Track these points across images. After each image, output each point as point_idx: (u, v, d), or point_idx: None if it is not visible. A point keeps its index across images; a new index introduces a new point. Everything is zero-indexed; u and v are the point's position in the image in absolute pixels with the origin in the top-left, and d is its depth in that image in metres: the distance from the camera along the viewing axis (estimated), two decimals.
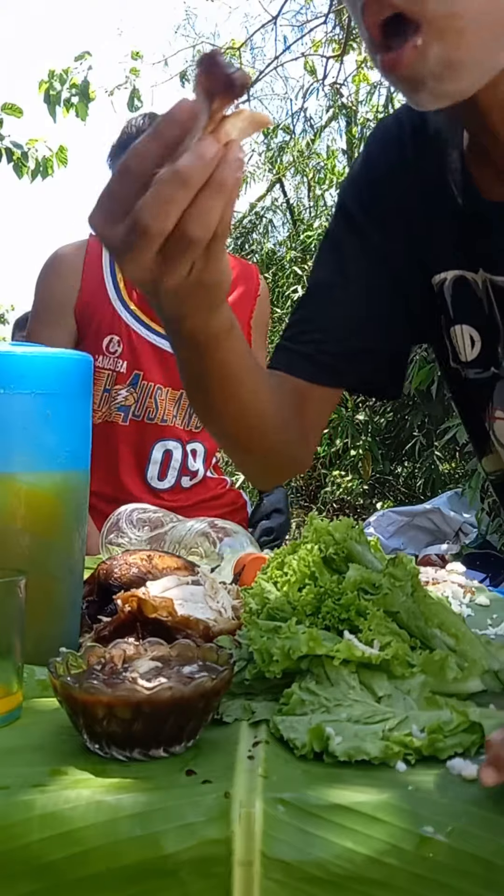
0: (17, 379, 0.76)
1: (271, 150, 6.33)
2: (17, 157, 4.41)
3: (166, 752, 0.57)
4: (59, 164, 4.53)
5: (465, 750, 0.57)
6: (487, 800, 0.52)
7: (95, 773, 0.54)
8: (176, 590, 0.80)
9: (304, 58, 5.83)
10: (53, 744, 0.59)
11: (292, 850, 0.50)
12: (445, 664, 0.64)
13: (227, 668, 0.60)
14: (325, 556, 0.74)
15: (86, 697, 0.56)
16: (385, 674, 0.63)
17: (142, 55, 5.45)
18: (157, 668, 0.63)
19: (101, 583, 0.90)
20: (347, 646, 0.63)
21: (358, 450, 5.37)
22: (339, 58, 5.59)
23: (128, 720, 0.55)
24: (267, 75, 6.01)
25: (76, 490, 0.81)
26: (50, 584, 0.78)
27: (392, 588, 0.70)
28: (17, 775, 0.54)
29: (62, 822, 0.50)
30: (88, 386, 0.84)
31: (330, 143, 6.43)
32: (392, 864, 0.49)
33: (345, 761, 0.55)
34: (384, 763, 0.55)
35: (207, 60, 0.59)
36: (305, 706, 0.61)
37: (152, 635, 0.69)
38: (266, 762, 0.56)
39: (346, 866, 0.49)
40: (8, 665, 0.64)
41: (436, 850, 0.49)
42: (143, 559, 0.90)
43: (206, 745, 0.59)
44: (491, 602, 1.09)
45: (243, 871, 0.50)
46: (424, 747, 0.56)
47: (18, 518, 0.77)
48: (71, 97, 4.84)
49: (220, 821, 0.50)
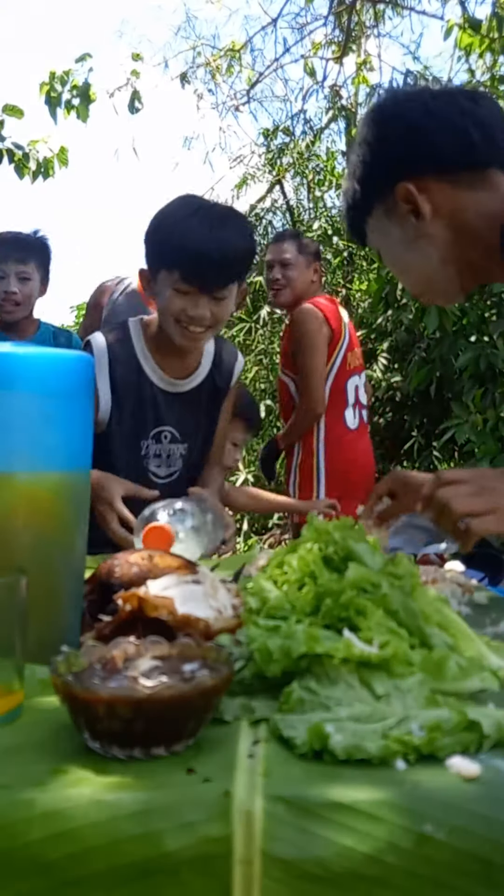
0: (18, 379, 0.76)
1: (271, 152, 6.33)
2: (19, 158, 4.42)
3: (167, 751, 0.57)
4: (59, 165, 4.53)
5: (464, 748, 0.57)
6: (486, 798, 0.52)
7: (96, 772, 0.54)
8: (176, 589, 0.80)
9: (304, 60, 5.84)
10: (54, 742, 0.60)
11: (292, 848, 0.50)
12: (444, 663, 0.65)
13: (227, 666, 0.61)
14: (324, 555, 0.74)
15: (87, 696, 0.56)
16: (384, 672, 0.63)
17: (142, 57, 5.46)
18: (158, 667, 0.63)
19: (101, 582, 0.90)
20: (347, 644, 0.63)
21: None
22: (338, 60, 5.59)
23: (128, 719, 0.55)
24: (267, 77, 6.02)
25: (76, 490, 0.82)
26: (51, 583, 0.78)
27: (391, 587, 0.70)
28: (17, 774, 0.54)
29: (63, 820, 0.51)
30: (89, 386, 0.84)
31: (329, 144, 6.43)
32: (391, 862, 0.49)
33: (344, 760, 0.55)
34: (384, 761, 0.55)
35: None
36: (305, 705, 0.61)
37: (153, 634, 0.69)
38: (266, 761, 0.56)
39: (346, 864, 0.49)
40: (9, 664, 0.64)
41: (435, 848, 0.49)
42: (144, 558, 0.90)
43: (207, 743, 0.59)
44: (489, 601, 1.09)
45: (243, 870, 0.50)
46: (424, 746, 0.56)
47: (19, 517, 0.77)
48: (72, 99, 4.84)
49: (221, 819, 0.50)
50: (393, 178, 1.08)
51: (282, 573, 0.76)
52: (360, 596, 0.68)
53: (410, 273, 1.17)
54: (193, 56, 6.12)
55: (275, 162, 6.31)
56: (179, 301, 1.48)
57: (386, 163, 1.10)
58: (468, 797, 0.52)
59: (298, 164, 6.26)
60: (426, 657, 0.65)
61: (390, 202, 1.10)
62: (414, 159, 1.07)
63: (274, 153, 6.33)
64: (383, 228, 1.14)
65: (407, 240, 1.10)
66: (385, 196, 1.10)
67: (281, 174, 6.31)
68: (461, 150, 1.06)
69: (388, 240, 1.14)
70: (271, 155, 6.36)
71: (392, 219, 1.11)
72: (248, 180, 6.50)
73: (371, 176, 1.12)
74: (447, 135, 1.05)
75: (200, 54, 6.13)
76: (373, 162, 1.11)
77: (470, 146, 1.05)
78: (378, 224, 1.14)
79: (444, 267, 1.10)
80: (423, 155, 1.06)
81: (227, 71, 6.12)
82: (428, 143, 1.06)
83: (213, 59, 6.06)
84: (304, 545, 0.76)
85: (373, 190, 1.12)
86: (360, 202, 1.14)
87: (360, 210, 1.15)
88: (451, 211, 1.07)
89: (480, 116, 1.06)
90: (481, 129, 1.06)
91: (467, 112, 1.06)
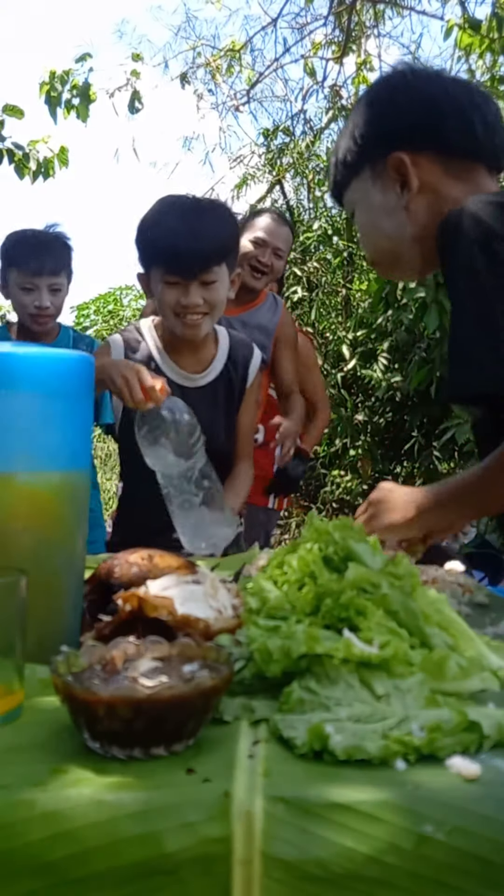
0: (18, 379, 0.76)
1: (271, 152, 6.32)
2: (19, 159, 4.41)
3: (166, 751, 0.57)
4: (60, 165, 4.53)
5: (464, 749, 0.57)
6: (487, 798, 0.52)
7: (96, 772, 0.54)
8: (176, 589, 0.80)
9: (304, 60, 5.84)
10: (54, 743, 0.60)
11: (292, 848, 0.50)
12: (444, 663, 0.65)
13: (227, 666, 0.61)
14: (324, 555, 0.74)
15: (87, 696, 0.56)
16: (384, 673, 0.63)
17: (142, 57, 5.45)
18: (158, 667, 0.63)
19: (101, 582, 0.90)
20: (347, 645, 0.63)
21: (357, 450, 5.37)
22: (338, 60, 5.59)
23: (128, 719, 0.55)
24: (267, 77, 6.02)
25: (76, 490, 0.82)
26: (51, 584, 0.78)
27: (391, 587, 0.70)
28: (17, 774, 0.54)
29: (63, 820, 0.51)
30: (89, 386, 0.84)
31: (330, 144, 6.41)
32: (392, 863, 0.49)
33: (344, 760, 0.55)
34: (384, 762, 0.55)
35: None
36: (305, 705, 0.61)
37: (153, 634, 0.69)
38: (266, 761, 0.56)
39: (346, 865, 0.49)
40: (9, 664, 0.64)
41: (435, 848, 0.49)
42: (144, 558, 0.90)
43: (207, 743, 0.59)
44: (490, 601, 1.09)
45: (243, 870, 0.50)
46: (424, 746, 0.56)
47: (19, 518, 0.77)
48: (72, 98, 4.84)
49: (221, 819, 0.50)
50: (392, 144, 1.09)
51: (282, 573, 0.76)
52: (360, 596, 0.68)
53: (380, 241, 1.18)
54: (193, 56, 6.12)
55: (275, 162, 6.30)
56: (171, 293, 1.54)
57: (390, 128, 1.11)
58: (468, 798, 0.52)
59: (298, 164, 6.25)
60: (426, 657, 0.65)
61: (380, 167, 1.12)
62: (419, 132, 1.09)
63: (274, 153, 6.32)
64: (366, 191, 1.15)
65: (387, 208, 1.12)
66: (377, 160, 1.12)
67: (281, 174, 6.30)
68: (464, 138, 1.08)
69: (367, 203, 1.16)
70: (271, 155, 6.36)
71: (377, 184, 1.13)
72: (248, 180, 6.50)
73: (371, 137, 1.12)
74: (456, 120, 1.08)
75: (200, 54, 6.13)
76: (377, 123, 1.12)
77: (473, 137, 1.07)
78: (362, 185, 1.16)
79: (413, 244, 1.11)
80: (429, 131, 1.08)
81: (227, 71, 6.12)
82: (437, 121, 1.08)
83: (213, 59, 6.05)
84: (304, 545, 0.76)
85: (368, 151, 1.13)
86: (352, 161, 1.16)
87: (350, 168, 1.17)
88: (434, 192, 1.09)
89: (487, 114, 1.09)
90: (485, 126, 1.08)
91: (478, 106, 1.09)
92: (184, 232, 1.50)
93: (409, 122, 1.10)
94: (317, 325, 5.67)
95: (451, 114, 1.08)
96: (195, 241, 1.50)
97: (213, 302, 1.57)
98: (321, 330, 5.75)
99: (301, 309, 5.78)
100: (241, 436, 1.76)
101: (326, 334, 5.73)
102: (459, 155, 1.09)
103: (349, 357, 5.28)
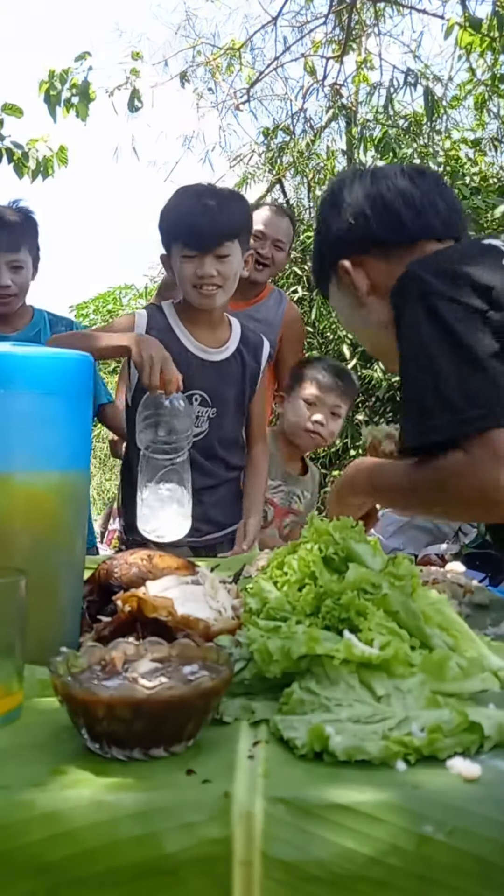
0: (17, 379, 0.76)
1: (271, 151, 6.32)
2: (18, 158, 4.41)
3: (166, 752, 0.57)
4: (59, 164, 4.52)
5: (464, 750, 0.57)
6: (487, 799, 0.52)
7: (96, 773, 0.54)
8: (176, 589, 0.80)
9: (304, 58, 5.83)
10: (54, 743, 0.60)
11: (292, 849, 0.50)
12: (445, 664, 0.65)
13: (226, 667, 0.61)
14: (324, 555, 0.74)
15: (86, 697, 0.56)
16: (385, 673, 0.63)
17: (142, 56, 5.45)
18: (158, 668, 0.63)
19: (101, 583, 0.90)
20: (347, 645, 0.63)
21: (358, 450, 5.38)
22: (338, 58, 5.58)
23: (128, 720, 0.55)
24: (267, 76, 6.01)
25: (76, 490, 0.81)
26: (50, 584, 0.78)
27: (392, 588, 0.70)
28: (17, 775, 0.54)
29: (62, 821, 0.50)
30: (89, 386, 0.83)
31: (330, 143, 6.42)
32: (392, 864, 0.49)
33: (345, 761, 0.55)
34: (384, 763, 0.55)
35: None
36: (305, 706, 0.61)
37: (152, 635, 0.69)
38: (266, 762, 0.56)
39: (347, 866, 0.49)
40: (8, 664, 0.64)
41: (436, 849, 0.49)
42: (144, 559, 0.90)
43: (207, 744, 0.59)
44: (490, 602, 1.09)
45: (243, 871, 0.50)
46: (424, 747, 0.56)
47: (18, 518, 0.77)
48: (71, 97, 4.83)
49: (221, 820, 0.50)
50: (335, 254, 1.21)
51: (282, 574, 0.76)
52: (360, 597, 0.68)
53: (360, 336, 1.34)
54: (193, 55, 6.11)
55: (275, 161, 6.30)
56: (189, 266, 1.72)
57: (327, 244, 1.24)
58: (469, 798, 0.52)
59: (299, 163, 6.25)
60: (427, 658, 0.65)
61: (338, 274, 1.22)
62: (349, 241, 1.19)
63: (274, 152, 6.32)
64: (336, 295, 1.27)
65: (352, 307, 1.24)
66: (333, 268, 1.23)
67: (281, 173, 6.30)
68: (392, 228, 1.15)
69: (339, 305, 1.29)
70: (271, 154, 6.35)
71: (341, 288, 1.24)
72: (248, 179, 6.49)
73: (320, 252, 1.27)
74: (379, 216, 1.15)
75: (200, 53, 6.12)
76: (319, 241, 1.26)
77: (400, 225, 1.15)
78: (333, 290, 1.28)
79: (385, 332, 1.17)
80: (358, 237, 1.18)
81: (227, 70, 6.11)
82: (361, 226, 1.17)
83: (213, 57, 6.05)
84: (305, 546, 0.76)
85: (325, 261, 1.25)
86: (319, 272, 1.30)
87: (321, 278, 1.30)
88: (385, 283, 1.15)
89: (411, 195, 1.15)
90: (412, 209, 1.15)
91: (401, 191, 1.16)
92: (199, 210, 1.69)
93: (338, 235, 1.20)
94: (317, 325, 5.67)
95: (373, 213, 1.15)
96: (209, 218, 1.68)
97: (226, 275, 1.73)
98: (321, 329, 5.74)
99: (301, 308, 5.78)
100: (255, 421, 1.93)
101: (327, 334, 5.72)
102: (394, 244, 1.16)
103: (349, 357, 5.27)
